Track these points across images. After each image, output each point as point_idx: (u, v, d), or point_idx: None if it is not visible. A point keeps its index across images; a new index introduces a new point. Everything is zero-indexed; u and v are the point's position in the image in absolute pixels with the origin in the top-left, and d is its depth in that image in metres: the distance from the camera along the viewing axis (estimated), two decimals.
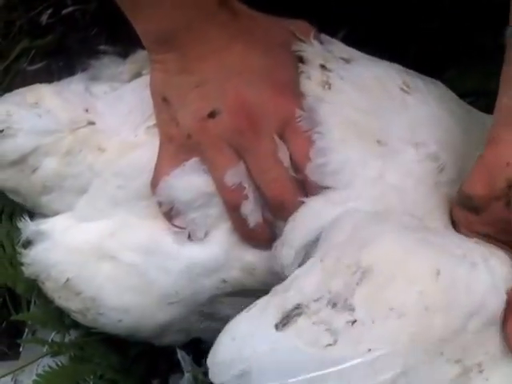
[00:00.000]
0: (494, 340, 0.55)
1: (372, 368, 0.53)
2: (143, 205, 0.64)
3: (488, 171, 0.56)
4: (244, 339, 0.56)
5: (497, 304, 0.55)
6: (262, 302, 0.58)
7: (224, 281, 0.65)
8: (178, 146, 0.62)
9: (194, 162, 0.62)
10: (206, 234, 0.63)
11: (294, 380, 0.53)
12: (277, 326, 0.55)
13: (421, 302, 0.54)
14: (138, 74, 0.70)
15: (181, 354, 0.69)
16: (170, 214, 0.63)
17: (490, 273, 0.56)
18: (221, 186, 0.61)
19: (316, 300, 0.55)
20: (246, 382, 0.54)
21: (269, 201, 0.62)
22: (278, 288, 0.58)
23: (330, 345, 0.53)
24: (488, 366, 0.54)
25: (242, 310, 0.66)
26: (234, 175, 0.61)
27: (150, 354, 0.72)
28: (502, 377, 0.54)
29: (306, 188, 0.61)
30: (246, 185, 0.61)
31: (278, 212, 0.62)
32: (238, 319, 0.58)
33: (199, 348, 0.69)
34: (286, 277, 0.62)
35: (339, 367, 0.53)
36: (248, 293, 0.66)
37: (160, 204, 0.63)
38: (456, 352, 0.53)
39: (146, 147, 0.64)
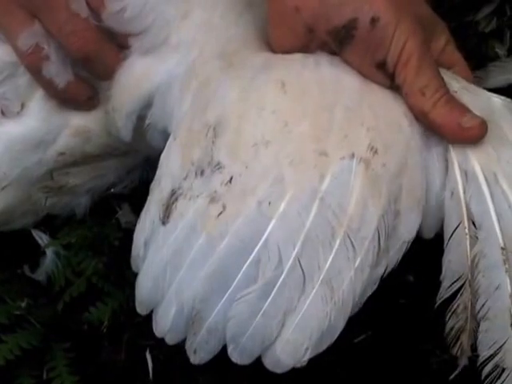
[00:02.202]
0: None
1: (288, 217, 0.49)
2: None
3: (283, 22, 0.53)
4: (147, 256, 0.52)
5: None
6: (145, 206, 0.54)
7: (61, 153, 0.60)
8: None
9: None
10: (22, 107, 0.58)
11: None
12: (163, 221, 0.51)
13: (278, 122, 0.51)
14: None
15: (36, 234, 0.65)
16: None
17: (333, 66, 0.53)
18: (17, 52, 0.56)
19: (185, 178, 0.51)
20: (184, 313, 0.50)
21: (73, 56, 0.56)
22: (152, 185, 0.54)
23: (221, 213, 0.49)
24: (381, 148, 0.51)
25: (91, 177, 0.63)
26: (28, 37, 0.55)
27: (9, 240, 0.67)
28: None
29: (114, 36, 0.56)
30: (46, 45, 0.55)
31: (88, 66, 0.57)
32: (135, 237, 0.54)
33: (53, 224, 0.66)
34: (124, 140, 0.59)
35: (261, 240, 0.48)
36: (93, 159, 0.62)
37: None
38: (341, 145, 0.50)
39: None
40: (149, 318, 0.55)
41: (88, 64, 0.57)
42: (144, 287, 0.52)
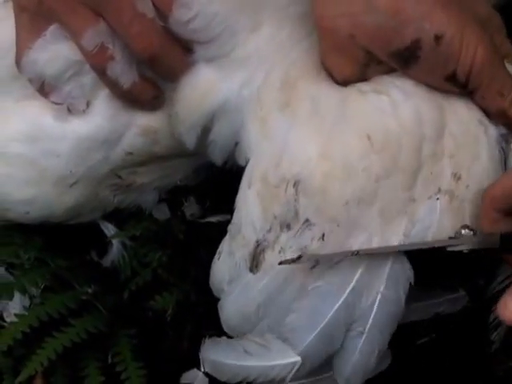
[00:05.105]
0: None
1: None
2: (18, 86, 0.56)
3: (339, 52, 0.50)
4: (234, 293, 0.53)
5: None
6: (224, 247, 0.54)
7: (128, 153, 0.58)
8: (32, 15, 0.53)
9: (54, 29, 0.53)
10: (88, 105, 0.56)
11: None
12: (251, 270, 0.51)
13: (369, 179, 0.49)
14: None
15: (102, 224, 0.63)
16: (43, 90, 0.55)
17: (408, 98, 0.50)
18: (82, 50, 0.53)
19: (269, 230, 0.50)
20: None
21: (138, 56, 0.53)
22: (230, 227, 0.54)
23: (314, 266, 0.49)
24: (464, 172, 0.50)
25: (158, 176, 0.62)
26: (94, 37, 0.52)
27: (77, 229, 0.65)
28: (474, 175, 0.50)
29: (180, 40, 0.53)
30: (111, 45, 0.52)
31: (153, 67, 0.54)
32: (218, 270, 0.54)
33: (120, 215, 0.64)
34: (188, 146, 0.57)
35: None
36: (160, 159, 0.60)
37: (30, 81, 0.55)
38: (428, 184, 0.49)
39: (6, 22, 0.54)
40: (210, 310, 0.56)
41: (153, 65, 0.53)
42: (233, 318, 0.54)
